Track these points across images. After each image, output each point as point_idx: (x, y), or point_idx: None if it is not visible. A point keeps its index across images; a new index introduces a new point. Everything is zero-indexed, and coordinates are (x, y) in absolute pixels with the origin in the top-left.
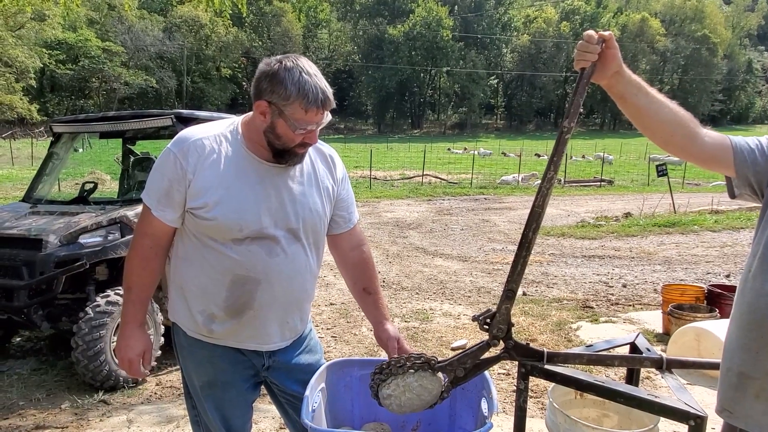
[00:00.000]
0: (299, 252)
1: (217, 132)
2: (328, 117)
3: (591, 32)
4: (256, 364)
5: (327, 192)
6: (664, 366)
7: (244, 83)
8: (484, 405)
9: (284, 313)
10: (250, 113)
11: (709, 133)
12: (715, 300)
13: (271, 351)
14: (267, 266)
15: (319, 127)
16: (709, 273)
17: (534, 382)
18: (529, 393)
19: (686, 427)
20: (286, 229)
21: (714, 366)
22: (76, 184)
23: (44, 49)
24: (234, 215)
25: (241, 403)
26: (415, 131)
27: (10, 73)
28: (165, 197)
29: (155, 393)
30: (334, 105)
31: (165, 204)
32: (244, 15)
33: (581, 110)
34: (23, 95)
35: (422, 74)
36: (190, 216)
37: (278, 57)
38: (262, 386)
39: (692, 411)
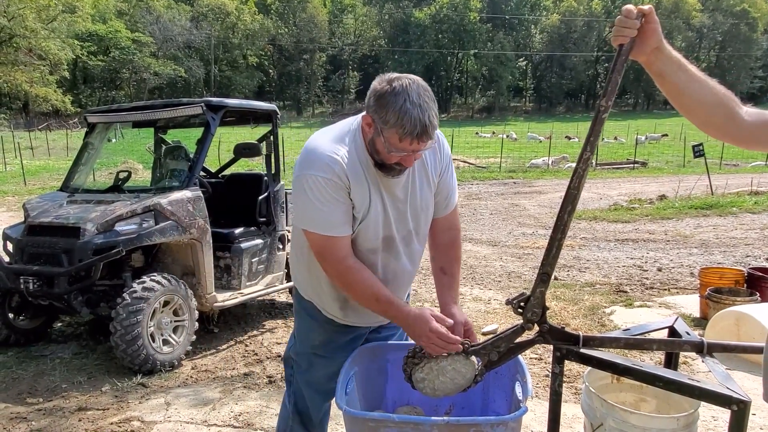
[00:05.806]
0: (413, 247)
1: (348, 143)
2: (429, 144)
3: (630, 6)
4: (363, 334)
5: (434, 183)
6: (705, 350)
7: (270, 70)
8: (518, 389)
9: None
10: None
11: (749, 111)
12: (756, 283)
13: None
14: (387, 267)
15: (417, 153)
16: (748, 256)
17: (566, 367)
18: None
19: (727, 412)
20: (406, 232)
21: (757, 350)
22: (110, 173)
23: (76, 41)
24: (373, 228)
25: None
26: (443, 115)
27: (44, 66)
28: (344, 216)
29: (191, 377)
30: (433, 137)
31: (346, 222)
32: (269, 2)
33: None
34: (57, 87)
35: (449, 57)
36: None
37: (393, 76)
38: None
39: (735, 396)
